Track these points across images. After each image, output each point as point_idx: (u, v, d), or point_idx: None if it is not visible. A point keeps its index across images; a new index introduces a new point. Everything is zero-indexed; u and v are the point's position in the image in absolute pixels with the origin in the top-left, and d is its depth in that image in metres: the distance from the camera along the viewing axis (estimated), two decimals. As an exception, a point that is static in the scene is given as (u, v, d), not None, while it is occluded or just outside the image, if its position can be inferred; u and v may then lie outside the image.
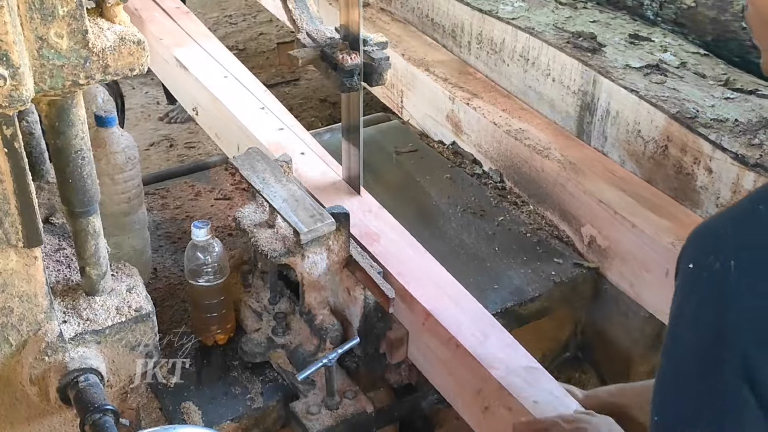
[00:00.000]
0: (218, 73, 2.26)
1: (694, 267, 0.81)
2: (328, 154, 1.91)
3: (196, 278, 1.55)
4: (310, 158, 1.89)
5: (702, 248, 0.82)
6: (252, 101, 2.13)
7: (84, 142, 1.17)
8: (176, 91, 2.51)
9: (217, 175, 2.08)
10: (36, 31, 1.01)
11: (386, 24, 2.64)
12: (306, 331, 1.55)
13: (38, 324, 1.23)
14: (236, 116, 2.06)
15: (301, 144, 1.94)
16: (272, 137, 1.96)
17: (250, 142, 1.94)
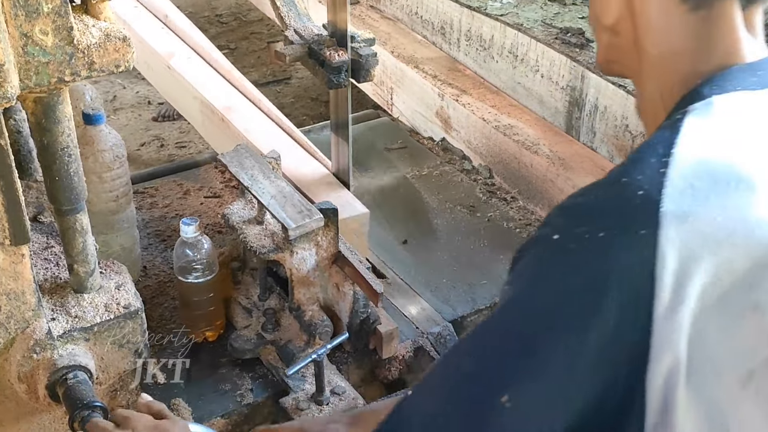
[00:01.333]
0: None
1: (560, 237, 0.81)
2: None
3: (185, 275, 1.55)
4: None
5: (571, 220, 0.81)
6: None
7: (71, 140, 1.17)
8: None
9: (206, 173, 2.08)
10: (20, 28, 1.01)
11: (375, 21, 2.64)
12: (295, 327, 1.55)
13: (26, 322, 1.23)
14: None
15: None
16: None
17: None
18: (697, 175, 0.80)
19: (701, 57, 0.90)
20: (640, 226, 0.78)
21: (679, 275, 0.76)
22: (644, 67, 0.93)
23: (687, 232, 0.77)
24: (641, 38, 0.92)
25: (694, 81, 0.89)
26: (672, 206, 0.77)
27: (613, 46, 0.96)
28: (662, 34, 0.91)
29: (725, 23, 0.89)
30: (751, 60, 0.89)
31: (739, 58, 0.89)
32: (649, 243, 0.77)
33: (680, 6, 0.88)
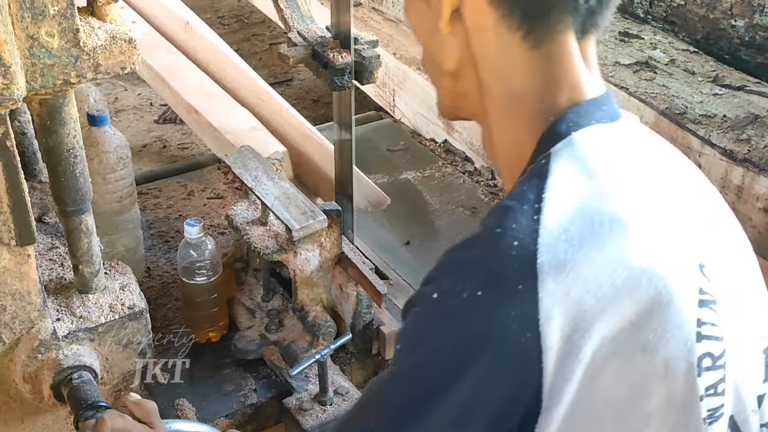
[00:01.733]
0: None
1: (439, 296, 0.77)
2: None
3: (189, 276, 1.55)
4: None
5: (449, 278, 0.78)
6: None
7: (76, 141, 1.18)
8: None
9: (209, 175, 2.09)
10: (27, 30, 1.02)
11: (378, 23, 2.65)
12: (299, 328, 1.56)
13: (31, 322, 1.24)
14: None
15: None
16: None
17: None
18: (570, 220, 0.77)
19: (549, 94, 0.85)
20: (517, 281, 0.74)
21: (564, 326, 0.73)
22: (491, 110, 0.89)
23: (567, 281, 0.74)
24: (485, 80, 0.87)
25: (547, 119, 0.85)
26: (548, 256, 0.74)
27: (456, 91, 0.91)
28: (506, 75, 0.86)
29: (566, 58, 0.85)
30: (593, 95, 0.86)
31: (583, 93, 0.85)
32: (528, 298, 0.73)
33: (520, 44, 0.83)
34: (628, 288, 0.75)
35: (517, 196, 0.80)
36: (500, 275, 0.75)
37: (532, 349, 0.73)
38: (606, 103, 0.86)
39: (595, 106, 0.85)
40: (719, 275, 0.83)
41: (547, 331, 0.73)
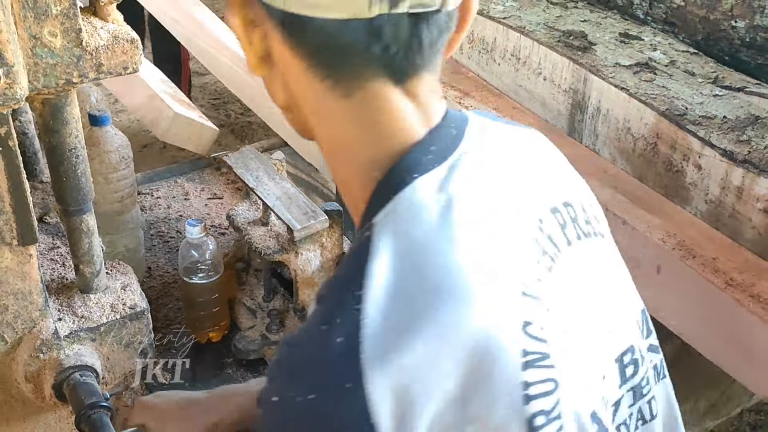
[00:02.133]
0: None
1: (278, 401, 0.77)
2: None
3: (190, 276, 1.55)
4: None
5: (284, 381, 0.78)
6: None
7: (78, 141, 1.18)
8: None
9: (208, 176, 2.09)
10: (29, 30, 1.02)
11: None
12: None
13: (33, 321, 1.24)
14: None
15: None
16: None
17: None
18: (392, 307, 0.74)
19: (370, 145, 0.82)
20: (344, 379, 0.73)
21: (396, 414, 0.72)
22: (323, 151, 0.88)
23: (392, 372, 0.72)
24: (311, 124, 0.86)
25: (372, 174, 0.82)
26: (371, 350, 0.73)
27: (294, 122, 0.89)
28: (326, 121, 0.84)
29: (383, 106, 0.80)
30: (420, 136, 0.82)
31: (409, 136, 0.82)
32: (358, 395, 0.72)
33: (332, 93, 0.80)
34: (450, 367, 0.73)
35: (341, 282, 0.79)
36: (328, 376, 0.74)
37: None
38: (436, 142, 0.83)
39: (421, 152, 0.82)
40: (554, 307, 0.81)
41: (380, 422, 0.72)
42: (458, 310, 0.75)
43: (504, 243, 0.81)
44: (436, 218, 0.79)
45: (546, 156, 0.94)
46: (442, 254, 0.77)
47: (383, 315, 0.74)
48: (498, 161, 0.87)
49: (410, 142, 0.82)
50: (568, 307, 0.84)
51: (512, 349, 0.76)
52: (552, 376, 0.78)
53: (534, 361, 0.77)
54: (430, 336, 0.74)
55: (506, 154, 0.89)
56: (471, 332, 0.75)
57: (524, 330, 0.77)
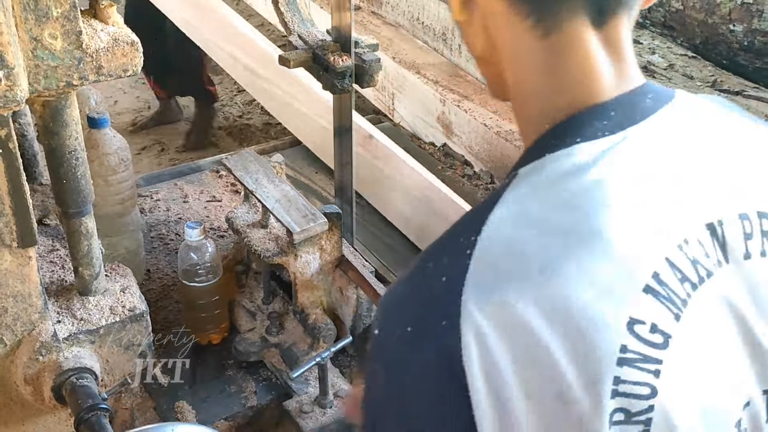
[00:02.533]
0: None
1: (379, 334, 0.78)
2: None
3: (189, 279, 1.55)
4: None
5: (385, 316, 0.79)
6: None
7: (78, 143, 1.18)
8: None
9: (209, 178, 2.09)
10: (30, 32, 1.02)
11: (377, 27, 2.65)
12: (299, 331, 1.56)
13: (32, 324, 1.24)
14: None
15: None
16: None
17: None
18: (504, 257, 0.74)
19: (552, 93, 0.81)
20: (441, 317, 0.74)
21: (484, 364, 0.72)
22: (511, 100, 0.86)
23: (488, 320, 0.72)
24: (504, 70, 0.84)
25: (544, 125, 0.81)
26: (473, 292, 0.73)
27: (490, 75, 0.89)
28: (518, 66, 0.82)
29: (576, 51, 0.79)
30: (607, 96, 0.79)
31: (594, 92, 0.79)
32: (451, 333, 0.73)
33: (530, 33, 0.79)
34: (546, 334, 0.72)
35: (460, 225, 0.79)
36: (427, 312, 0.75)
37: (456, 384, 0.73)
38: (618, 107, 0.79)
39: (597, 115, 0.79)
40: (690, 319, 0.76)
41: (470, 367, 0.72)
42: (565, 283, 0.73)
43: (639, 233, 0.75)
44: (578, 189, 0.76)
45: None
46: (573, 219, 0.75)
47: (491, 263, 0.74)
48: (681, 151, 0.80)
49: (592, 100, 0.79)
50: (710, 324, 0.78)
51: (612, 341, 0.73)
52: (651, 383, 0.75)
53: (634, 361, 0.74)
54: (531, 296, 0.73)
55: (702, 147, 0.82)
56: (578, 306, 0.73)
57: (629, 327, 0.74)
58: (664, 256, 0.75)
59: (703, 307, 0.77)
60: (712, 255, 0.78)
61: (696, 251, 0.77)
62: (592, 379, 0.73)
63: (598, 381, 0.73)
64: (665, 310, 0.75)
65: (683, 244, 0.77)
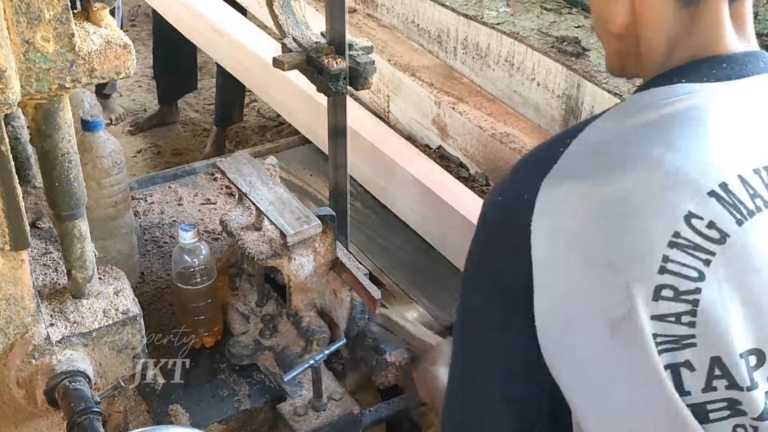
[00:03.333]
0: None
1: (488, 194, 0.98)
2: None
3: (183, 281, 1.55)
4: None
5: (494, 190, 0.97)
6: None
7: (70, 146, 1.18)
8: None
9: (203, 181, 2.09)
10: (22, 35, 1.02)
11: (372, 30, 2.65)
12: (293, 333, 1.56)
13: (25, 327, 1.23)
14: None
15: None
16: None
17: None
18: (590, 155, 0.90)
19: (676, 54, 0.94)
20: (525, 191, 0.90)
21: (548, 234, 0.88)
22: (644, 68, 0.98)
23: (558, 197, 0.88)
24: (642, 41, 0.97)
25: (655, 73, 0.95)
26: (554, 177, 0.89)
27: (621, 52, 1.01)
28: (654, 34, 0.95)
29: (710, 18, 0.93)
30: (724, 52, 0.93)
31: (711, 50, 0.93)
32: (528, 205, 0.89)
33: (675, 2, 0.93)
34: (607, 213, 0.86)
35: (569, 129, 0.95)
36: (515, 186, 0.94)
37: (523, 243, 0.89)
38: (733, 62, 0.92)
39: (711, 65, 0.92)
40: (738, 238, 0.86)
41: (536, 233, 0.88)
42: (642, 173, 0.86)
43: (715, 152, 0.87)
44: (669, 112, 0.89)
45: None
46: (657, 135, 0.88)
47: (578, 159, 0.90)
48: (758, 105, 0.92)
49: (709, 54, 0.93)
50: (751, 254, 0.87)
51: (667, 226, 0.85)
52: (700, 268, 0.85)
53: (684, 246, 0.85)
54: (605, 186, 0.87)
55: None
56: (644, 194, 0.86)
57: (686, 219, 0.85)
58: (736, 173, 0.87)
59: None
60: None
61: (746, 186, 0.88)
62: (641, 254, 0.85)
63: (647, 256, 0.85)
64: (727, 213, 0.85)
65: (761, 170, 0.88)
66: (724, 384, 0.86)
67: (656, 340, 0.85)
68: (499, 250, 0.94)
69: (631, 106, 0.94)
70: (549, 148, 0.93)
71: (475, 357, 1.00)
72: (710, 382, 0.86)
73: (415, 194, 2.00)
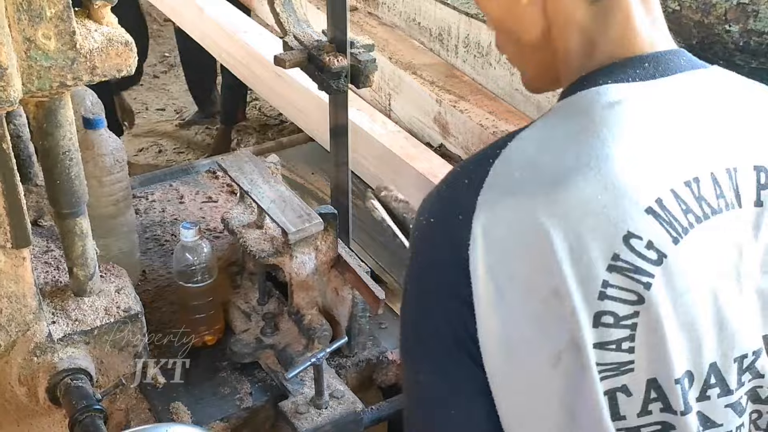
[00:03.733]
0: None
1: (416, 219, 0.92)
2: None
3: (184, 279, 1.55)
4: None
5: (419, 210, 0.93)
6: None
7: (72, 143, 1.18)
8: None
9: (204, 179, 2.09)
10: (24, 33, 1.02)
11: (373, 28, 2.65)
12: (294, 332, 1.56)
13: (27, 324, 1.24)
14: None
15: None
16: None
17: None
18: (522, 167, 0.85)
19: (592, 54, 0.91)
20: (457, 212, 0.86)
21: (486, 256, 0.84)
22: (565, 75, 0.94)
23: (496, 220, 0.84)
24: (558, 46, 0.94)
25: (578, 76, 0.91)
26: (489, 194, 0.85)
27: (540, 64, 0.98)
28: (567, 35, 0.92)
29: (619, 11, 0.90)
30: (642, 50, 0.90)
31: (629, 48, 0.90)
32: (463, 226, 0.85)
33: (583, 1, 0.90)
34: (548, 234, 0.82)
35: (494, 142, 0.91)
36: (447, 206, 0.89)
37: (461, 268, 0.85)
38: (655, 61, 0.89)
39: (633, 65, 0.88)
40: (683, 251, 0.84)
41: (474, 255, 0.84)
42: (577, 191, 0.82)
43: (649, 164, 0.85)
44: (600, 119, 0.85)
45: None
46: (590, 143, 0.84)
47: (510, 172, 0.86)
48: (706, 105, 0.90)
49: (629, 54, 0.90)
50: (709, 257, 0.85)
51: (607, 248, 0.82)
52: (639, 292, 0.82)
53: (623, 269, 0.82)
54: (541, 202, 0.83)
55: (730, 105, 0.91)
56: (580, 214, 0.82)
57: (625, 239, 0.82)
58: (669, 188, 0.84)
59: (705, 240, 0.85)
60: (727, 196, 0.86)
61: (706, 191, 0.85)
62: (583, 279, 0.82)
63: (589, 281, 0.82)
64: (664, 232, 0.83)
65: (692, 182, 0.85)
66: (659, 407, 0.85)
67: (598, 368, 0.83)
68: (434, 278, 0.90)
69: (559, 113, 0.90)
70: (477, 165, 0.89)
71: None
72: (646, 406, 0.85)
73: (420, 190, 2.00)
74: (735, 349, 0.87)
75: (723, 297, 0.86)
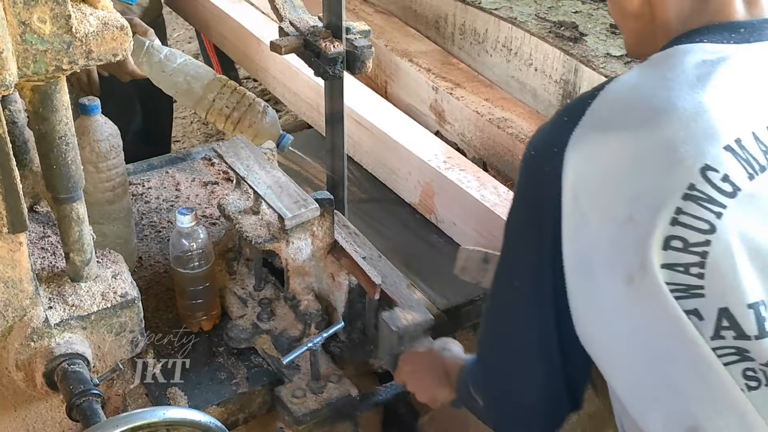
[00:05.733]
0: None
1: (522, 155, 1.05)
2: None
3: (181, 265, 1.55)
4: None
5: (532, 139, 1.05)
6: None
7: (68, 128, 1.18)
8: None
9: (200, 166, 2.08)
10: (19, 16, 1.02)
11: (369, 15, 2.64)
12: (291, 317, 1.56)
13: (24, 310, 1.24)
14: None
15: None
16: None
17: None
18: (615, 109, 0.96)
19: (691, 21, 0.99)
20: (555, 145, 0.97)
21: (574, 184, 0.94)
22: (661, 45, 1.02)
23: (587, 150, 0.95)
24: (656, 17, 1.03)
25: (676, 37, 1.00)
26: (582, 130, 0.96)
27: (638, 31, 1.07)
28: (671, 7, 1.01)
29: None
30: (741, 17, 0.98)
31: (727, 15, 0.98)
32: (558, 158, 0.96)
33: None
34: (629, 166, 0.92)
35: (592, 88, 1.01)
36: (546, 141, 1.01)
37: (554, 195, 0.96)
38: (750, 27, 0.96)
39: (729, 28, 0.97)
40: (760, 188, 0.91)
41: (565, 183, 0.95)
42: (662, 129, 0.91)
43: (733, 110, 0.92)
44: (693, 70, 0.94)
45: None
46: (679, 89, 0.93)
47: (603, 113, 0.96)
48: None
49: (725, 19, 0.98)
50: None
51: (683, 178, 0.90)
52: (711, 221, 0.89)
53: (698, 198, 0.89)
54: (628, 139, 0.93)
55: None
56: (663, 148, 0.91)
57: (702, 171, 0.90)
58: (750, 131, 0.92)
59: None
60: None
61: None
62: (656, 205, 0.90)
63: (662, 208, 0.89)
64: (740, 168, 0.90)
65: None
66: (732, 335, 0.89)
67: (669, 287, 0.90)
68: (533, 202, 1.02)
69: (656, 62, 0.98)
70: (578, 104, 0.99)
71: (509, 304, 1.09)
72: (718, 331, 0.89)
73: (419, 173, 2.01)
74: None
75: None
